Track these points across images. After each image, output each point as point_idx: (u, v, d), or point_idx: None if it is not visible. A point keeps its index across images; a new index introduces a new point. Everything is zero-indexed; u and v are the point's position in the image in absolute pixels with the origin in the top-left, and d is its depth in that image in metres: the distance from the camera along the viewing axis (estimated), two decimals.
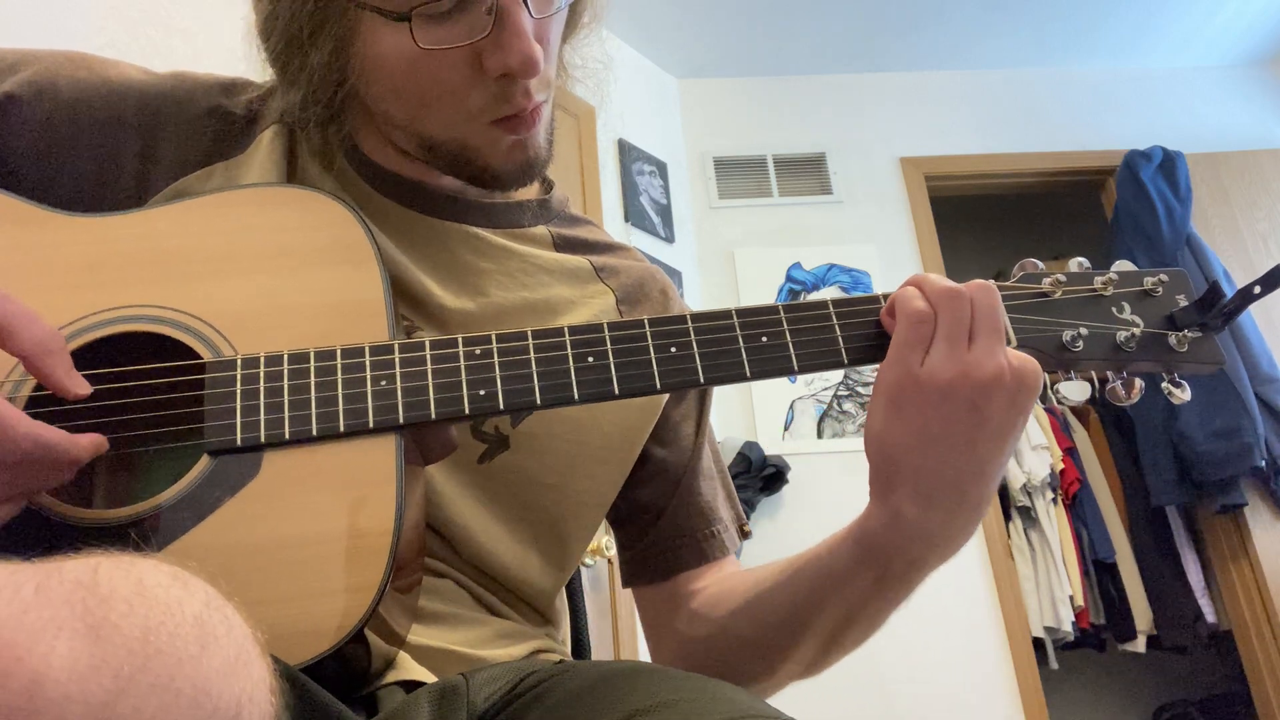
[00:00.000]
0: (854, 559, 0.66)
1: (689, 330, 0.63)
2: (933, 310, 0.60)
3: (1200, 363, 0.66)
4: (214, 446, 0.56)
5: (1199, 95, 3.67)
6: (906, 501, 0.61)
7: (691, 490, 0.81)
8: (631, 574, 0.82)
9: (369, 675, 0.57)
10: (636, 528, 0.81)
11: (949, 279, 0.62)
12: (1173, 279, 0.68)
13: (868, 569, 0.66)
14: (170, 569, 0.35)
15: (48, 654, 0.29)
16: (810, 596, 0.70)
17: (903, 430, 0.59)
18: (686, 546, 0.79)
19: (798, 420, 3.03)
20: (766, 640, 0.73)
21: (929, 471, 0.60)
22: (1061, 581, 3.00)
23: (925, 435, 0.59)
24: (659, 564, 0.80)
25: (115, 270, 0.61)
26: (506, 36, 0.62)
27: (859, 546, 0.66)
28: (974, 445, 0.59)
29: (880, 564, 0.65)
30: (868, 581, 0.66)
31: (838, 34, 3.39)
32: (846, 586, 0.67)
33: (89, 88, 0.71)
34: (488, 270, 0.74)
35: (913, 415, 0.59)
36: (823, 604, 0.69)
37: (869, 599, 0.67)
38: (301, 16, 0.64)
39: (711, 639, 0.76)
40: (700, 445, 0.83)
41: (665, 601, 0.80)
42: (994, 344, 0.59)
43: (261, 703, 0.35)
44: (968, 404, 0.58)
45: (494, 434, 0.70)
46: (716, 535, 0.80)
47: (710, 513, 0.81)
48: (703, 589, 0.78)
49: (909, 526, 0.62)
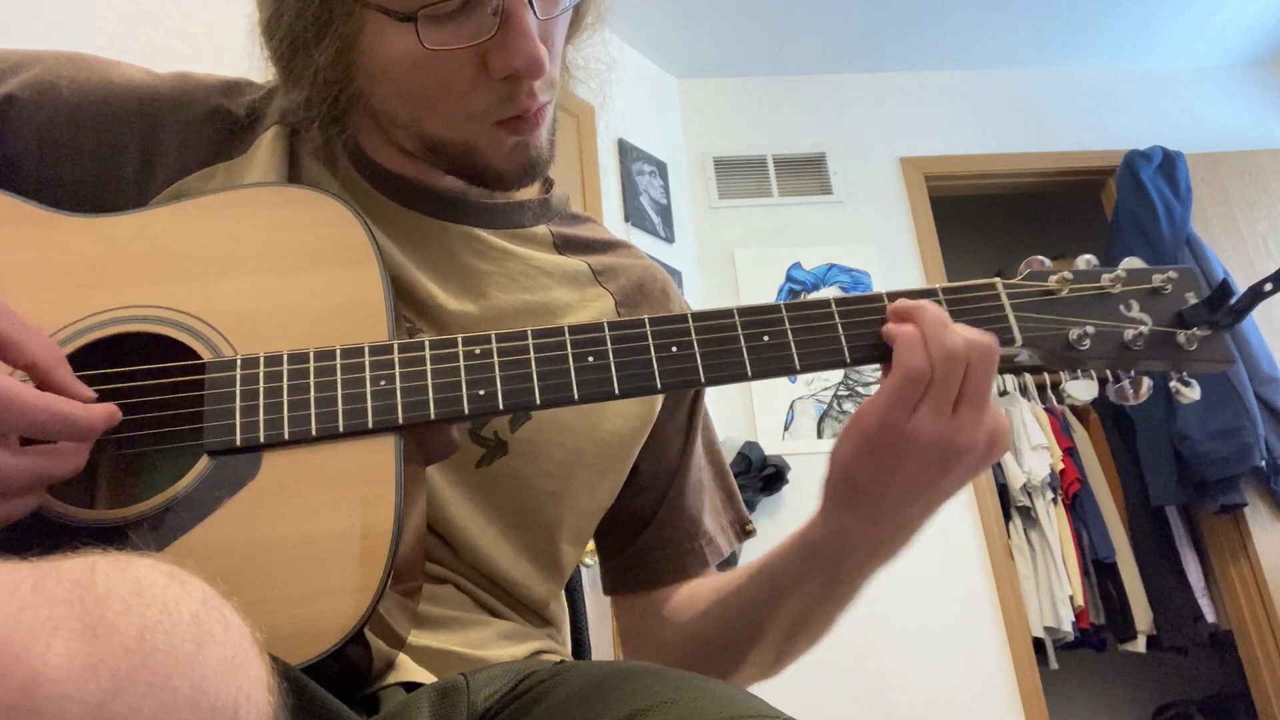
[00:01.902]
0: (803, 564, 0.70)
1: (690, 329, 0.62)
2: (930, 369, 0.60)
3: (1210, 361, 0.65)
4: (214, 447, 0.56)
5: (1199, 95, 3.67)
6: (857, 521, 0.65)
7: (676, 504, 0.82)
8: (613, 583, 0.84)
9: (370, 676, 0.57)
10: (620, 538, 0.83)
11: (951, 335, 0.60)
12: (1182, 276, 0.67)
13: (816, 574, 0.69)
14: (167, 568, 0.35)
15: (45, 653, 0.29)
16: (765, 600, 0.73)
17: (871, 468, 0.62)
18: (668, 559, 0.82)
19: (798, 420, 3.03)
20: (727, 642, 0.76)
21: (885, 503, 0.63)
22: (1061, 581, 3.00)
23: (891, 477, 0.62)
24: (640, 575, 0.82)
25: (116, 270, 0.61)
26: (512, 38, 0.62)
27: (808, 553, 0.69)
28: (932, 490, 0.63)
29: (828, 570, 0.69)
30: (817, 585, 0.70)
31: (838, 34, 3.39)
32: (797, 590, 0.71)
33: (90, 89, 0.71)
34: (488, 272, 0.74)
35: (885, 459, 0.61)
36: (777, 607, 0.72)
37: (819, 601, 0.71)
38: (306, 16, 0.63)
39: (678, 644, 0.79)
40: (687, 459, 0.84)
41: (642, 610, 0.83)
42: (978, 412, 0.61)
43: (259, 701, 0.35)
44: (938, 462, 0.61)
45: (493, 439, 0.70)
46: (698, 550, 0.82)
47: (694, 526, 0.83)
48: (672, 596, 0.81)
49: (856, 540, 0.66)
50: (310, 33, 0.64)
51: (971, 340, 0.60)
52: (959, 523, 2.95)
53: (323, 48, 0.64)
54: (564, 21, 0.70)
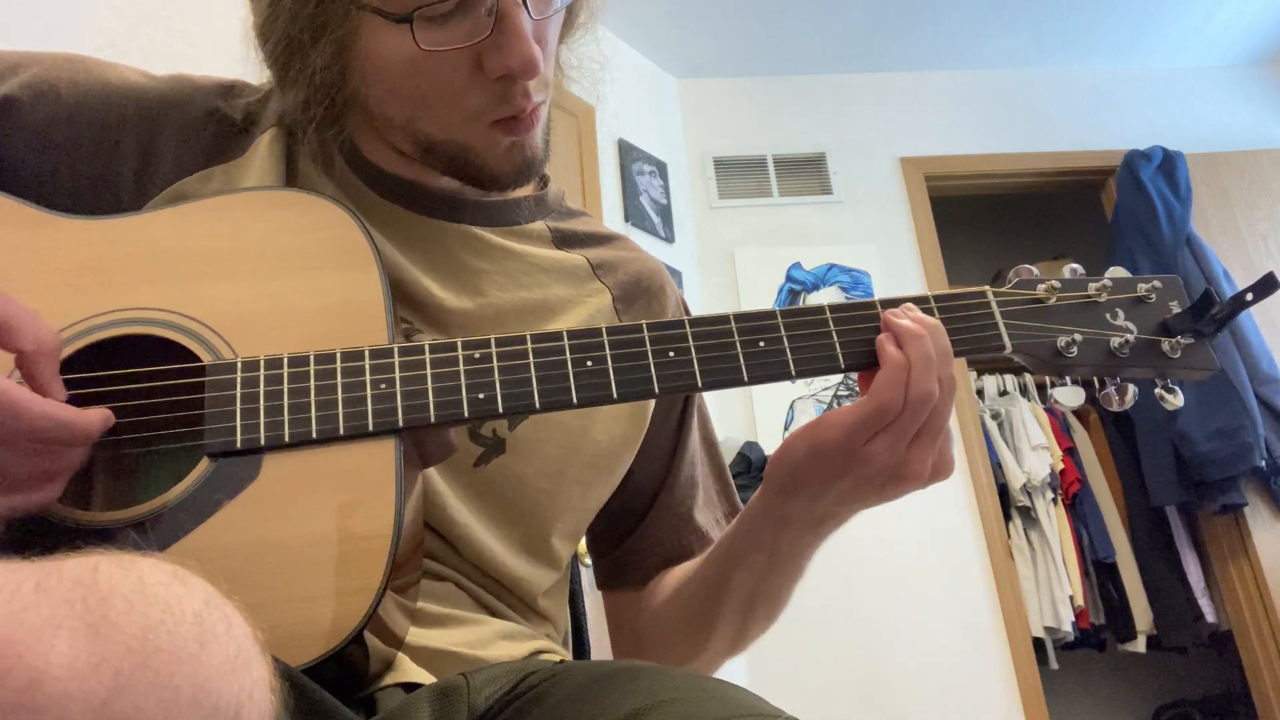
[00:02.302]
0: (747, 540, 0.73)
1: (687, 335, 0.63)
2: (903, 407, 0.62)
3: (1193, 369, 0.67)
4: (214, 449, 0.56)
5: (1199, 95, 3.67)
6: (796, 510, 0.68)
7: (665, 505, 0.84)
8: (605, 579, 0.86)
9: (368, 677, 0.58)
10: (612, 537, 0.85)
11: (932, 379, 0.62)
12: (1166, 285, 0.69)
13: (759, 549, 0.73)
14: (170, 568, 0.35)
15: (47, 652, 0.29)
16: (716, 579, 0.76)
17: (818, 472, 0.65)
18: (656, 558, 0.83)
19: (798, 420, 3.03)
20: (691, 621, 0.79)
21: (823, 501, 0.67)
22: (1061, 581, 3.00)
23: (835, 483, 0.65)
24: (632, 572, 0.84)
25: (115, 273, 0.61)
26: (507, 38, 0.63)
27: (751, 530, 0.72)
28: (870, 500, 0.67)
29: (770, 545, 0.72)
30: (761, 559, 0.73)
31: (838, 34, 3.39)
32: (744, 566, 0.74)
33: (88, 90, 0.71)
34: (486, 270, 0.74)
35: (833, 468, 0.64)
36: (728, 583, 0.76)
37: (767, 574, 0.74)
38: (302, 18, 0.64)
39: (651, 630, 0.82)
40: (679, 459, 0.85)
41: (630, 604, 0.85)
42: (932, 444, 0.64)
43: (261, 701, 0.35)
44: (881, 483, 0.64)
45: (491, 438, 0.70)
46: (686, 545, 0.84)
47: (683, 523, 0.84)
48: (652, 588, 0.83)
49: (792, 520, 0.69)
50: (306, 35, 0.64)
51: (947, 381, 0.63)
52: (959, 523, 2.94)
53: (318, 49, 0.64)
54: (557, 21, 0.70)
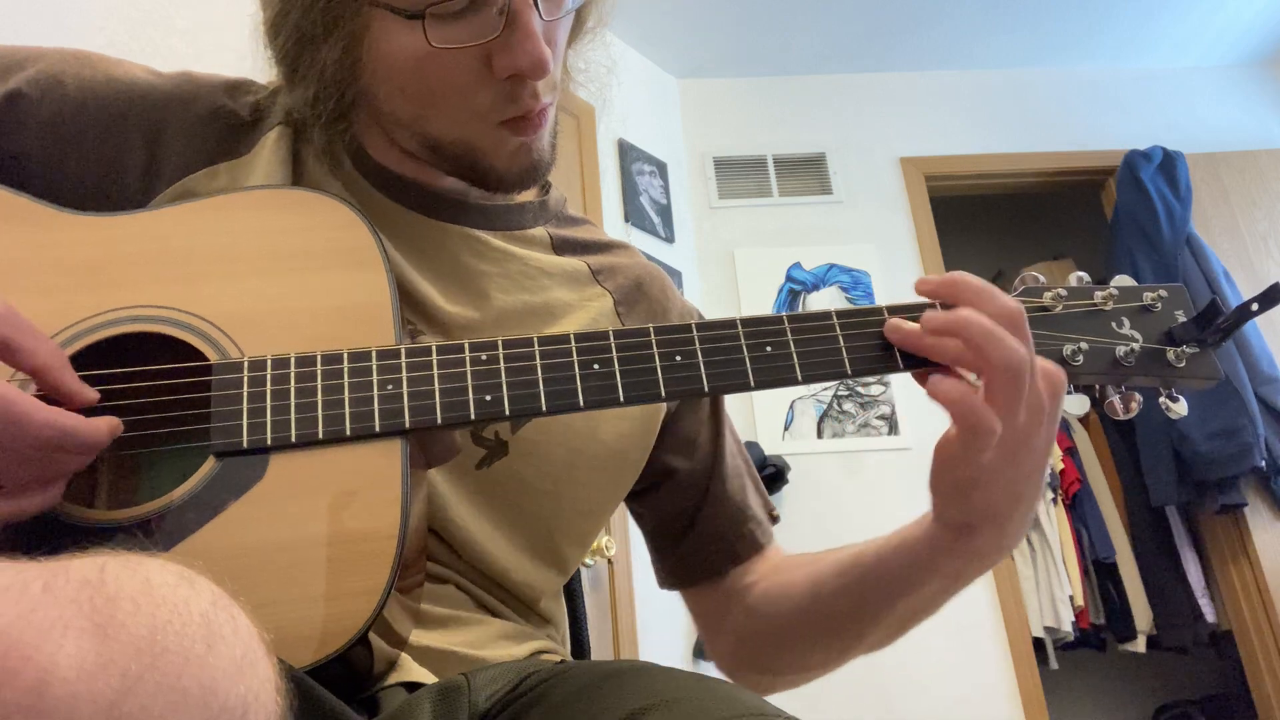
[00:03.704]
0: (927, 570, 0.68)
1: (694, 339, 0.63)
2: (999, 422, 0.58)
3: (1198, 378, 0.67)
4: (220, 448, 0.56)
5: (1199, 95, 3.67)
6: (984, 539, 0.64)
7: (719, 495, 0.83)
8: (672, 577, 0.86)
9: (372, 677, 0.58)
10: (669, 536, 0.84)
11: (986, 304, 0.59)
12: (1171, 295, 0.69)
13: (941, 577, 0.68)
14: (177, 568, 0.35)
15: (55, 652, 0.29)
16: (879, 599, 0.72)
17: (983, 490, 0.61)
18: (721, 551, 0.82)
19: (798, 420, 3.03)
20: (834, 633, 0.77)
21: (999, 515, 0.62)
22: (1061, 581, 3.00)
23: (997, 483, 0.60)
24: (695, 569, 0.83)
25: (121, 270, 0.61)
26: (517, 38, 0.63)
27: (931, 561, 0.67)
28: (1029, 475, 0.61)
29: (953, 576, 0.68)
30: (938, 585, 0.69)
31: (838, 34, 3.39)
32: (920, 590, 0.70)
33: (94, 87, 0.71)
34: (488, 273, 0.74)
35: (990, 474, 0.60)
36: (893, 604, 0.72)
37: (939, 595, 0.71)
38: (314, 14, 0.64)
39: (775, 634, 0.80)
40: (721, 450, 0.84)
41: (711, 600, 0.84)
42: (1036, 383, 0.59)
43: (268, 702, 0.35)
44: (1027, 432, 0.59)
45: (494, 440, 0.70)
46: (748, 534, 0.83)
47: (740, 513, 0.84)
48: (752, 584, 0.82)
49: (985, 552, 0.65)
50: (317, 30, 0.64)
51: (1013, 317, 0.59)
52: None
53: (329, 45, 0.65)
54: (567, 24, 0.70)
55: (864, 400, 3.07)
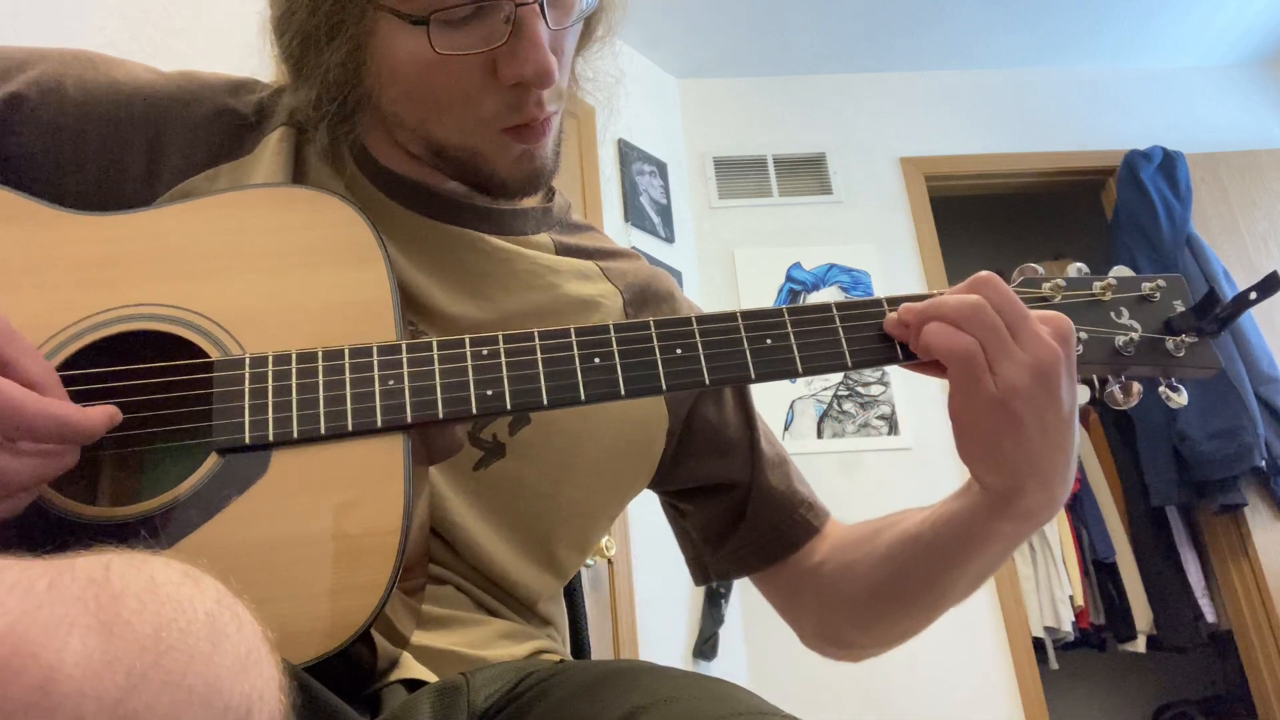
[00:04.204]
0: (983, 542, 0.69)
1: (694, 332, 0.63)
2: (973, 337, 0.60)
3: (1197, 367, 0.67)
4: (222, 445, 0.56)
5: (1199, 95, 3.67)
6: (1032, 499, 0.64)
7: (764, 486, 0.83)
8: (730, 567, 0.85)
9: (373, 675, 0.58)
10: (719, 531, 0.85)
11: (958, 292, 0.62)
12: (1170, 284, 0.69)
13: (1001, 540, 0.69)
14: (181, 566, 0.35)
15: (61, 650, 0.29)
16: (945, 571, 0.73)
17: (1014, 447, 0.61)
18: (776, 540, 0.83)
19: (798, 420, 3.03)
20: (911, 605, 0.78)
21: (1040, 469, 0.63)
22: (1061, 581, 3.00)
23: (1022, 434, 0.61)
24: (752, 559, 0.84)
25: (123, 269, 0.61)
26: (523, 46, 0.63)
27: (986, 530, 0.68)
28: (1057, 424, 0.61)
29: (1012, 537, 0.69)
30: (1001, 547, 0.70)
31: (838, 34, 3.40)
32: (983, 554, 0.71)
33: (96, 87, 0.71)
34: (492, 274, 0.74)
35: (1014, 429, 0.60)
36: (964, 569, 0.73)
37: (1004, 553, 0.72)
38: (319, 14, 0.64)
39: (853, 615, 0.81)
40: (757, 442, 0.85)
41: (780, 586, 0.85)
42: (1032, 327, 0.60)
43: (271, 701, 0.35)
44: (1045, 391, 0.60)
45: (491, 441, 0.70)
46: (800, 520, 0.83)
47: (789, 500, 0.84)
48: (818, 565, 0.82)
49: (1036, 509, 0.65)
50: (322, 31, 0.64)
51: (975, 287, 0.62)
52: None
53: (334, 47, 0.65)
54: (575, 32, 0.70)
55: (864, 400, 3.07)
